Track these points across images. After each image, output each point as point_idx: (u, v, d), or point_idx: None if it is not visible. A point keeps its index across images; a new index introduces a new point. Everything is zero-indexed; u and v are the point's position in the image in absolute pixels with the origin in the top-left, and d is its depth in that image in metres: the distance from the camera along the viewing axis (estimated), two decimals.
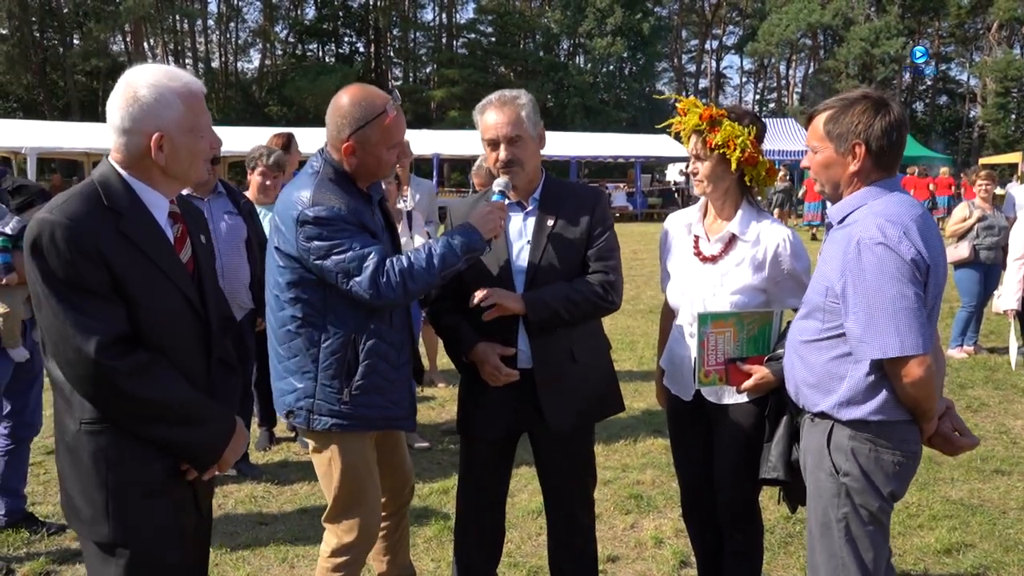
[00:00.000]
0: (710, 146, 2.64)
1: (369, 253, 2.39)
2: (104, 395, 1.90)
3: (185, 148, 1.98)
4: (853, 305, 2.11)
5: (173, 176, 2.02)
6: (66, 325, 1.84)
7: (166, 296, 1.98)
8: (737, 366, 2.65)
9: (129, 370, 1.88)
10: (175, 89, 1.96)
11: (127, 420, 1.94)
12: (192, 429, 2.02)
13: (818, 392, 2.25)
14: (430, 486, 4.48)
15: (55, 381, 1.96)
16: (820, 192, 2.35)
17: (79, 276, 1.84)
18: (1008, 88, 44.37)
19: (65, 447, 1.97)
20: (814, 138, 2.28)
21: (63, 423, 1.97)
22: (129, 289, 1.90)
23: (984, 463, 4.82)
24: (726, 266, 2.72)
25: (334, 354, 2.48)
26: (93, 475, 1.93)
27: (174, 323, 2.00)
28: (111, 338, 1.87)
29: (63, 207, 1.88)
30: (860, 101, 2.20)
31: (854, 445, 2.18)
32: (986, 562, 3.67)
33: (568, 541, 2.90)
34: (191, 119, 1.98)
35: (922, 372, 2.06)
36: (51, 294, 1.85)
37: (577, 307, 2.65)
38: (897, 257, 2.05)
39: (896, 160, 2.26)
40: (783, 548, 3.77)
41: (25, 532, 3.81)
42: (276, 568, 3.62)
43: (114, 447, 1.93)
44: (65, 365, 1.89)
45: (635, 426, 5.46)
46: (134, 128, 1.94)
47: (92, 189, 1.94)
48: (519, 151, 2.63)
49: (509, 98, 2.65)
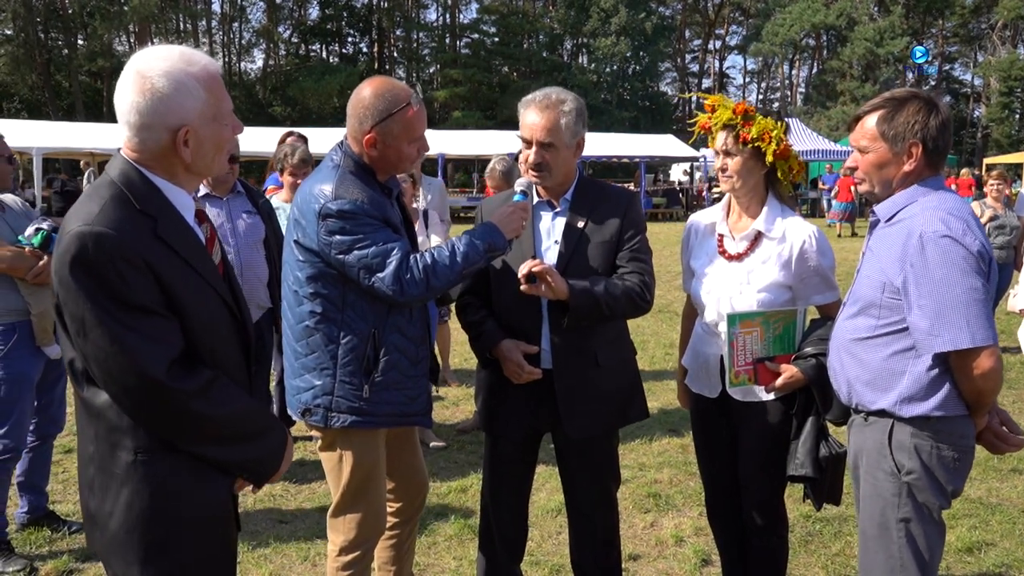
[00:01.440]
0: (743, 140, 2.63)
1: (392, 248, 2.37)
2: (171, 420, 1.74)
3: (210, 139, 1.80)
4: (918, 298, 2.09)
5: (196, 171, 1.84)
6: (124, 349, 1.65)
7: (209, 304, 1.82)
8: (765, 366, 2.65)
9: (196, 390, 1.73)
10: (195, 75, 1.75)
11: (192, 442, 1.79)
12: (254, 444, 1.89)
13: (875, 390, 2.24)
14: (448, 485, 4.49)
15: (96, 410, 1.75)
16: (867, 192, 2.32)
17: (133, 292, 1.66)
18: (1012, 88, 44.23)
19: (115, 481, 1.75)
20: (865, 138, 2.26)
21: (110, 456, 1.76)
22: (177, 301, 1.73)
23: (1001, 462, 4.82)
24: (752, 264, 2.71)
25: (353, 350, 2.45)
26: (151, 508, 1.75)
27: (219, 332, 1.85)
28: (175, 358, 1.71)
29: (101, 216, 1.67)
30: (912, 100, 2.20)
31: (917, 442, 2.17)
32: (1008, 560, 3.67)
33: (590, 541, 2.89)
34: (214, 106, 1.79)
35: (992, 363, 2.06)
36: (104, 316, 1.65)
37: (616, 302, 2.60)
38: (964, 249, 2.05)
39: (944, 159, 2.26)
40: (803, 547, 3.77)
41: (47, 530, 3.82)
42: (298, 566, 3.62)
43: (174, 476, 1.77)
44: (123, 393, 1.70)
45: (650, 425, 5.46)
46: (154, 123, 1.73)
47: (119, 192, 1.72)
48: (550, 157, 2.60)
49: (553, 102, 2.60)
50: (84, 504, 1.84)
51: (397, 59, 50.73)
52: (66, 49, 38.03)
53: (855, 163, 2.32)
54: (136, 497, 1.74)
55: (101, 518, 1.78)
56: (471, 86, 44.66)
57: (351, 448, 2.56)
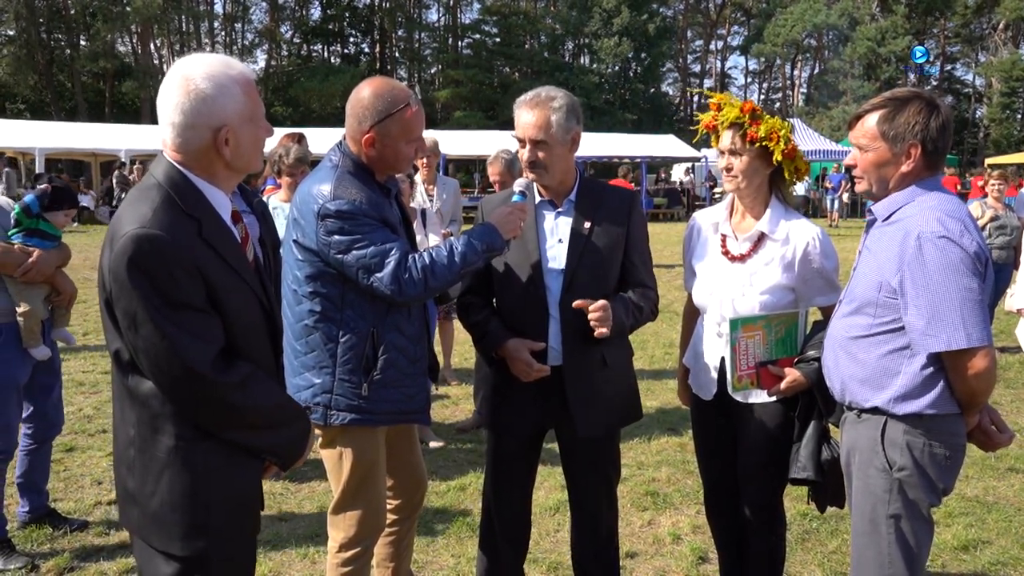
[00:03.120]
0: (750, 139, 2.61)
1: (391, 249, 2.39)
2: (212, 409, 1.87)
3: (248, 139, 1.92)
4: (914, 298, 2.10)
5: (236, 169, 1.96)
6: (173, 344, 1.78)
7: (247, 303, 1.95)
8: (768, 369, 2.65)
9: (237, 383, 1.86)
10: (235, 78, 1.88)
11: (229, 429, 1.92)
12: (284, 430, 2.03)
13: (869, 388, 2.25)
14: (447, 483, 4.51)
15: (141, 397, 1.87)
16: (864, 191, 2.33)
17: (182, 292, 1.79)
18: (1014, 88, 44.23)
19: (156, 463, 1.89)
20: (865, 137, 2.26)
21: (152, 440, 1.88)
22: (219, 299, 1.85)
23: (998, 461, 4.83)
24: (755, 265, 2.70)
25: (352, 348, 2.48)
26: (192, 490, 1.89)
27: (254, 329, 1.98)
28: (218, 353, 1.84)
29: (155, 219, 1.78)
30: (913, 101, 2.20)
31: (909, 439, 2.19)
32: (1003, 559, 3.68)
33: (593, 538, 2.91)
34: (251, 107, 1.92)
35: (987, 364, 2.08)
36: (155, 313, 1.77)
37: (637, 323, 2.77)
38: (960, 250, 2.06)
39: (943, 160, 2.27)
40: (801, 544, 3.79)
41: (48, 528, 3.84)
42: (297, 564, 3.64)
43: (211, 460, 1.91)
44: (170, 384, 1.83)
45: (648, 424, 5.48)
46: (197, 123, 1.84)
47: (166, 194, 1.84)
48: (543, 154, 2.61)
49: (543, 99, 2.61)
50: (121, 483, 1.97)
51: (399, 59, 50.77)
52: (68, 50, 38.10)
53: (854, 161, 2.32)
54: (178, 479, 1.88)
55: (142, 497, 1.91)
56: (472, 86, 44.69)
57: (351, 446, 2.58)
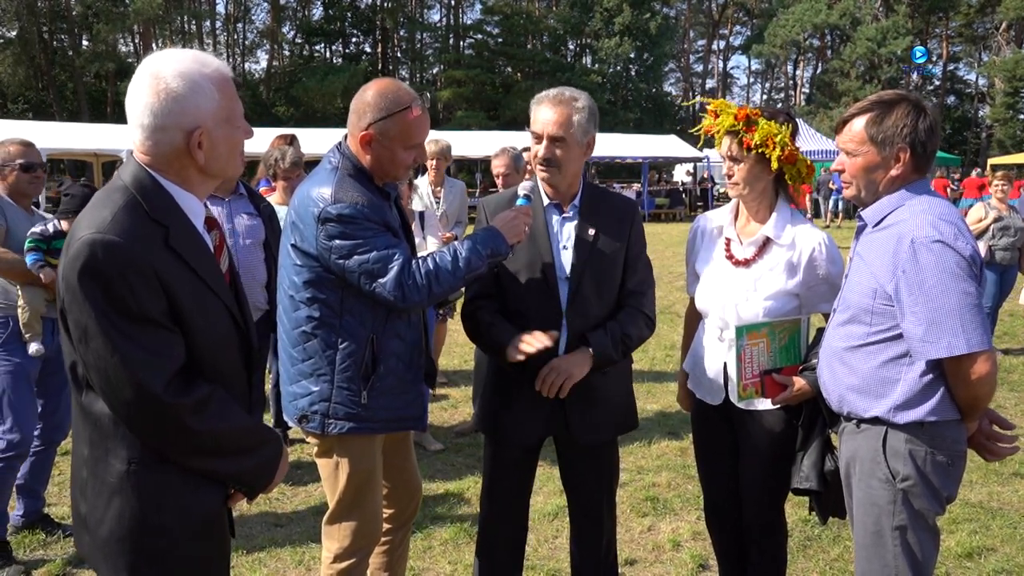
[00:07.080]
0: (747, 146, 2.57)
1: (394, 254, 2.33)
2: (165, 433, 1.71)
3: (224, 141, 1.77)
4: (911, 305, 2.06)
5: (211, 174, 1.80)
6: (125, 361, 1.62)
7: (217, 318, 1.79)
8: (773, 378, 2.61)
9: (193, 405, 1.69)
10: (209, 76, 1.73)
11: (185, 455, 1.76)
12: (248, 457, 1.86)
13: (868, 397, 2.21)
14: (445, 488, 4.47)
15: (93, 416, 1.73)
16: (853, 197, 2.29)
17: (139, 304, 1.63)
18: (1017, 88, 44.04)
19: (107, 488, 1.73)
20: (853, 141, 2.23)
21: (103, 463, 1.74)
22: (184, 313, 1.70)
23: (1002, 466, 4.78)
24: (759, 270, 2.65)
25: (352, 355, 2.42)
26: (142, 518, 1.73)
27: (224, 346, 1.82)
28: (175, 372, 1.68)
29: (113, 224, 1.63)
30: (900, 103, 2.17)
31: (911, 448, 2.15)
32: (1008, 566, 3.63)
33: (594, 545, 2.87)
34: (227, 108, 1.76)
35: (988, 368, 2.03)
36: (107, 326, 1.62)
37: (628, 349, 2.71)
38: (956, 254, 2.02)
39: (931, 162, 2.23)
40: (802, 551, 3.74)
41: (41, 533, 3.81)
42: (292, 570, 3.60)
43: (166, 487, 1.75)
44: (120, 405, 1.67)
45: (649, 428, 5.43)
46: (168, 124, 1.69)
47: (132, 198, 1.69)
48: (560, 152, 2.58)
49: (567, 98, 2.58)
50: (75, 506, 1.82)
51: (400, 59, 50.78)
52: (70, 51, 38.12)
53: (841, 166, 2.28)
54: (127, 507, 1.73)
55: (92, 523, 1.77)
56: (474, 86, 44.62)
57: (348, 455, 2.53)
